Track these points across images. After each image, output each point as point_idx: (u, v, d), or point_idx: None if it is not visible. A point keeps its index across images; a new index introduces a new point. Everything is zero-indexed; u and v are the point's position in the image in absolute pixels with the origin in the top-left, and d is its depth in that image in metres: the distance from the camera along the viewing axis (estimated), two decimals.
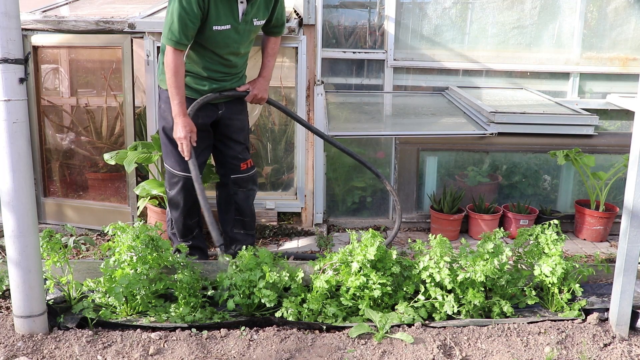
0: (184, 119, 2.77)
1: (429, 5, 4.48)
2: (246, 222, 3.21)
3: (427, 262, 2.54)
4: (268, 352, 2.22)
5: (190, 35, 2.67)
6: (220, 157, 3.14)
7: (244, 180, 3.12)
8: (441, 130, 3.75)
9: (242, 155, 3.10)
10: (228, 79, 2.94)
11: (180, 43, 2.66)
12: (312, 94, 3.51)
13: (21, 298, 2.24)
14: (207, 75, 2.87)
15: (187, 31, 2.63)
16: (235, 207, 3.17)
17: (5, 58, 2.03)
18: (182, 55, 2.70)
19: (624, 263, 2.31)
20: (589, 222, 3.70)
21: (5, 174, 2.12)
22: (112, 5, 3.75)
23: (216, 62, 2.86)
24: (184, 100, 2.76)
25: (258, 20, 2.85)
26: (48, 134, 3.66)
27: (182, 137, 2.78)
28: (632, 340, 2.36)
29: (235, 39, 2.80)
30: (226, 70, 2.90)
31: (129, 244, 2.47)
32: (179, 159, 2.92)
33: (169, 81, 2.73)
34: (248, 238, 3.24)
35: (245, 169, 3.11)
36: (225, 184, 3.14)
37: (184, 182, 2.95)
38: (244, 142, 3.12)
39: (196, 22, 2.63)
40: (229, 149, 3.08)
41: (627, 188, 2.27)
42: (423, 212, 3.92)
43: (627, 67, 4.57)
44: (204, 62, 2.84)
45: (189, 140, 2.79)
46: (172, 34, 2.64)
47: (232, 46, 2.82)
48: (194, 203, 3.03)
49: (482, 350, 2.27)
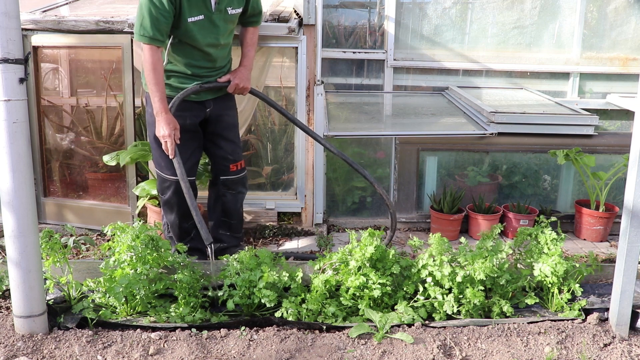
0: (166, 116, 2.71)
1: (429, 5, 4.48)
2: (233, 224, 3.18)
3: (426, 259, 2.54)
4: (268, 352, 2.22)
5: (164, 30, 2.62)
6: (210, 158, 3.12)
7: (233, 182, 3.08)
8: (441, 130, 3.75)
9: (233, 156, 3.05)
10: (213, 75, 2.91)
11: (154, 39, 2.61)
12: (312, 94, 3.51)
13: (21, 298, 2.25)
14: (191, 73, 2.84)
15: (159, 25, 2.59)
16: (222, 209, 3.14)
17: (5, 58, 2.03)
18: (159, 51, 2.66)
19: (624, 263, 2.31)
20: (589, 222, 3.70)
21: (5, 174, 2.12)
22: (112, 5, 3.74)
23: (198, 57, 2.82)
24: (164, 97, 2.71)
25: (233, 9, 2.82)
26: (48, 134, 3.66)
27: (166, 135, 2.71)
28: (632, 340, 2.36)
29: (211, 30, 2.78)
30: (209, 65, 2.87)
31: (128, 244, 2.47)
32: (170, 164, 2.86)
33: (147, 78, 2.68)
34: (233, 240, 3.20)
35: (234, 170, 3.06)
36: (216, 184, 3.12)
37: (175, 187, 2.91)
38: (235, 141, 3.06)
39: (168, 15, 2.59)
40: (219, 148, 3.04)
41: (627, 188, 2.27)
42: (423, 212, 3.92)
43: (627, 67, 4.57)
44: (185, 59, 2.82)
45: (172, 138, 2.72)
46: (143, 29, 2.60)
47: (210, 37, 2.78)
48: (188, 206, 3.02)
49: (482, 350, 2.27)
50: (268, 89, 3.65)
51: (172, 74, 2.85)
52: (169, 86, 2.85)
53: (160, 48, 2.67)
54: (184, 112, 2.85)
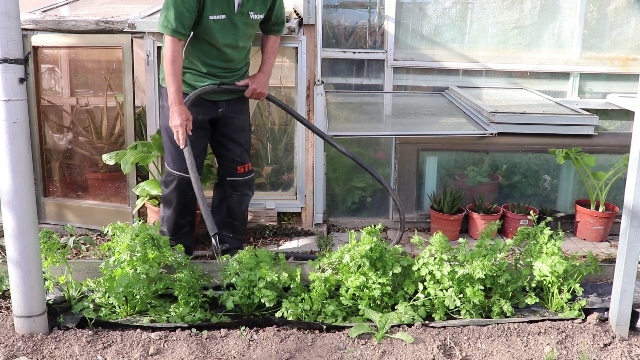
0: (179, 106, 2.76)
1: (429, 5, 4.48)
2: (236, 226, 3.21)
3: (427, 258, 2.54)
4: (268, 352, 2.22)
5: (187, 24, 2.68)
6: (218, 159, 3.15)
7: (239, 184, 3.11)
8: (441, 130, 3.75)
9: (241, 159, 3.09)
10: (228, 76, 2.94)
11: (177, 31, 2.67)
12: (312, 94, 3.51)
13: (21, 298, 2.25)
14: (206, 72, 2.88)
15: (183, 19, 2.65)
16: (227, 210, 3.17)
17: (5, 58, 2.03)
18: (179, 44, 2.71)
19: (624, 263, 2.31)
20: (589, 222, 3.70)
21: (5, 174, 2.12)
22: (112, 5, 3.74)
23: (214, 56, 2.86)
24: (180, 88, 2.76)
25: (255, 14, 2.85)
26: (48, 134, 3.66)
27: (178, 125, 2.76)
28: (632, 340, 2.36)
29: (231, 30, 2.81)
30: (225, 65, 2.90)
31: (128, 244, 2.47)
32: (177, 158, 2.92)
33: (166, 69, 2.73)
34: (235, 242, 3.23)
35: (242, 172, 3.10)
36: (222, 185, 3.14)
37: (178, 182, 2.96)
38: (243, 144, 3.10)
39: (192, 10, 2.65)
40: (227, 150, 3.07)
41: (627, 188, 2.27)
42: (423, 212, 3.92)
43: (627, 67, 4.57)
44: (202, 57, 2.85)
45: (184, 128, 2.77)
46: (167, 21, 2.65)
47: (229, 37, 2.81)
48: (186, 204, 3.04)
49: (482, 350, 2.27)
50: (268, 89, 3.65)
51: (187, 70, 2.89)
52: (184, 82, 2.88)
53: (181, 41, 2.72)
54: (196, 108, 2.89)
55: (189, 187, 2.91)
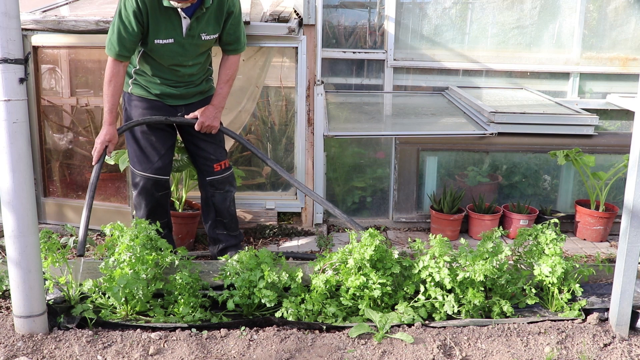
0: (108, 127, 2.80)
1: (429, 5, 4.48)
2: (226, 223, 3.18)
3: (427, 261, 2.54)
4: (268, 352, 2.22)
5: (130, 47, 2.71)
6: (192, 158, 3.13)
7: (219, 182, 3.09)
8: (441, 130, 3.75)
9: (215, 156, 3.05)
10: (182, 85, 2.94)
11: (120, 55, 2.70)
12: (312, 94, 3.51)
13: (21, 298, 2.25)
14: (159, 82, 2.90)
15: (124, 43, 2.68)
16: (214, 209, 3.16)
17: (5, 58, 2.03)
18: (120, 65, 2.74)
19: (624, 263, 2.31)
20: (589, 222, 3.70)
21: (5, 174, 2.12)
22: (112, 5, 3.74)
23: (165, 71, 2.88)
24: (113, 109, 2.79)
25: (207, 35, 2.82)
26: (48, 133, 3.66)
27: (100, 142, 2.79)
28: (632, 340, 2.36)
29: (179, 52, 2.81)
30: (177, 78, 2.91)
31: (127, 244, 2.47)
32: (142, 158, 2.93)
33: (104, 88, 2.77)
34: (231, 239, 3.20)
35: (219, 170, 3.07)
36: (203, 185, 3.13)
37: (144, 182, 2.95)
38: (214, 142, 3.06)
39: (134, 35, 2.67)
40: (200, 149, 3.04)
41: (627, 188, 2.27)
42: (423, 212, 3.92)
43: (627, 67, 4.57)
44: (153, 70, 2.88)
45: (103, 147, 2.80)
46: (111, 44, 2.70)
47: (177, 59, 2.83)
48: (157, 204, 3.02)
49: (482, 350, 2.27)
50: (268, 89, 3.66)
51: (143, 75, 2.91)
52: (139, 86, 2.92)
53: (123, 62, 2.75)
54: (155, 112, 2.91)
55: (155, 187, 2.94)
